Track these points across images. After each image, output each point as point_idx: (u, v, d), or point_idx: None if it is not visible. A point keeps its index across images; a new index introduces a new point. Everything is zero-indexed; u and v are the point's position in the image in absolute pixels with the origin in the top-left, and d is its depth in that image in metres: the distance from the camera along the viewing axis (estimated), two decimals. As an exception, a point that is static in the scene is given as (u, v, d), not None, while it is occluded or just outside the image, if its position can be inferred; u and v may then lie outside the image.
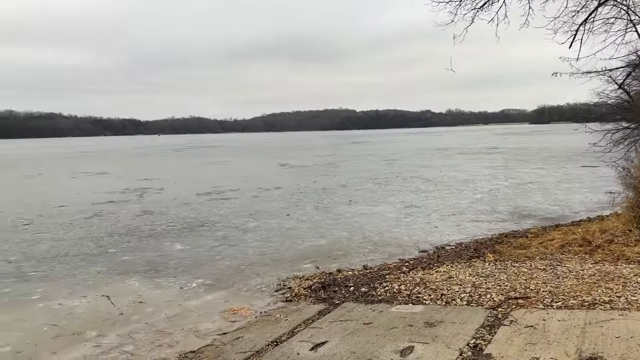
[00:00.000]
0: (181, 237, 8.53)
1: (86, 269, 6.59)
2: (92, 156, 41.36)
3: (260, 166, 25.71)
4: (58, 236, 8.78)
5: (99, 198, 13.87)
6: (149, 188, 16.19)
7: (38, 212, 11.49)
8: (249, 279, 6.00)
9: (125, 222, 10.01)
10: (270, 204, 11.94)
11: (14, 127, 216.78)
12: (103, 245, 8.00)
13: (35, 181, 19.90)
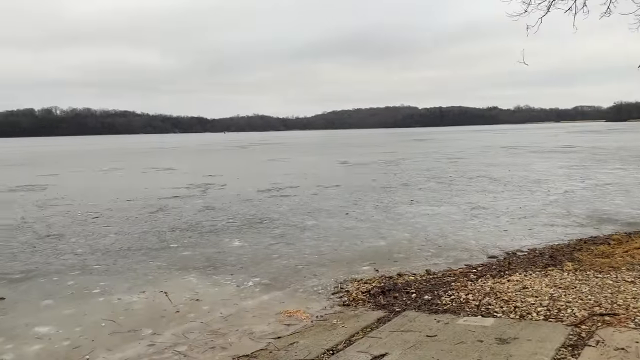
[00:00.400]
0: (240, 233, 8.51)
1: (147, 264, 6.67)
2: (161, 152, 43.15)
3: (320, 163, 25.63)
4: (123, 230, 9.03)
5: (165, 193, 14.27)
6: (213, 184, 16.50)
7: (107, 206, 11.96)
8: (306, 279, 5.81)
9: (188, 218, 10.16)
10: (329, 202, 11.74)
11: (91, 124, 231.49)
12: (165, 240, 8.11)
13: (108, 175, 20.90)
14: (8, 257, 7.16)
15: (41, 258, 7.06)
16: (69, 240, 8.20)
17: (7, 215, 10.80)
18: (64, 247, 7.76)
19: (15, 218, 10.47)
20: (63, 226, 9.49)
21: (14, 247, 7.78)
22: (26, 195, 14.46)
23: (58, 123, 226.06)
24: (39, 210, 11.46)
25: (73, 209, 11.65)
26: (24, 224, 9.73)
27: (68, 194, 14.41)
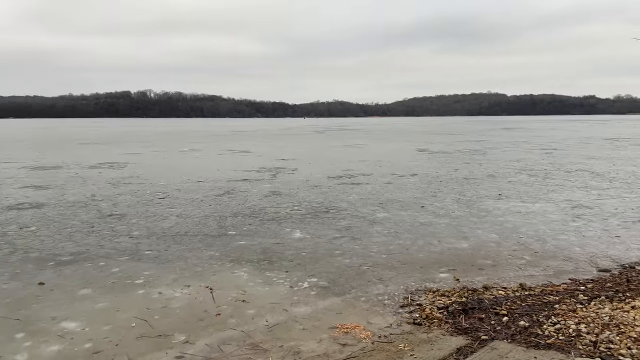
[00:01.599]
0: (303, 223, 7.78)
1: (199, 252, 6.13)
2: (241, 135, 43.83)
3: (397, 150, 24.40)
4: (186, 212, 8.65)
5: (235, 175, 13.95)
6: (284, 168, 16.00)
7: (177, 187, 11.77)
8: (370, 285, 4.94)
9: (253, 203, 9.63)
10: (404, 193, 10.71)
11: (181, 107, 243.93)
12: (224, 226, 7.58)
13: (186, 156, 21.17)
14: (65, 236, 6.94)
15: (95, 239, 6.77)
16: (129, 221, 7.92)
17: (80, 192, 10.91)
18: (122, 228, 7.46)
19: (85, 195, 10.51)
20: (128, 205, 9.31)
21: (73, 225, 7.61)
22: (104, 172, 14.78)
23: (152, 105, 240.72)
24: (111, 188, 11.49)
25: (143, 188, 11.57)
26: (92, 202, 9.69)
27: (143, 173, 14.53)
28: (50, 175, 14.07)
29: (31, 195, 10.52)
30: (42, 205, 9.35)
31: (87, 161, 18.30)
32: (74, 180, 12.99)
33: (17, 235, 6.97)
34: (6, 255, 5.96)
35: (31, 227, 7.46)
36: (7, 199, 10.01)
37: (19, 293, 4.66)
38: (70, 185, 11.94)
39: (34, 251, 6.15)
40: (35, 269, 5.42)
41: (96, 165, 16.73)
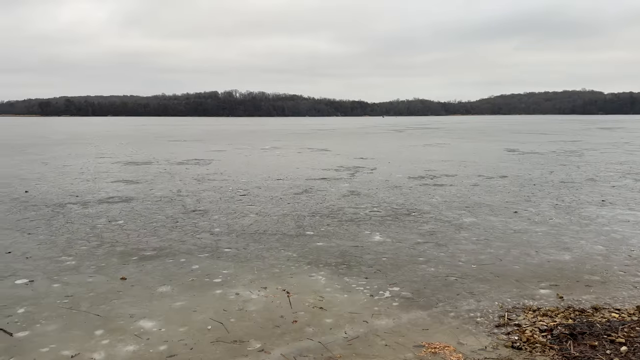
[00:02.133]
0: (383, 225, 7.42)
1: (277, 253, 5.98)
2: (320, 134, 44.09)
3: (483, 150, 23.15)
4: (265, 210, 8.60)
5: (314, 174, 13.85)
6: (362, 167, 15.68)
7: (257, 184, 11.86)
8: (459, 298, 4.49)
9: (331, 202, 9.41)
10: (493, 197, 9.97)
11: (264, 106, 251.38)
12: (302, 226, 7.41)
13: (267, 154, 21.51)
14: (150, 231, 7.11)
15: (178, 235, 6.86)
16: (211, 217, 8.00)
17: (167, 187, 11.30)
18: (204, 224, 7.53)
19: (172, 190, 10.86)
20: (211, 202, 9.46)
21: (158, 220, 7.80)
22: (191, 168, 15.30)
23: (237, 105, 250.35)
24: (196, 184, 11.81)
25: (226, 185, 11.77)
26: (177, 197, 9.97)
27: (227, 170, 14.86)
28: (142, 170, 14.80)
29: (122, 189, 11.05)
30: (131, 199, 9.75)
31: (175, 157, 19.12)
32: (162, 175, 13.54)
33: (105, 228, 7.26)
34: (94, 248, 6.18)
35: (119, 221, 7.75)
36: (99, 192, 10.58)
37: (102, 287, 4.74)
38: (158, 181, 12.43)
39: (120, 245, 6.32)
40: (119, 263, 5.54)
41: (184, 162, 17.41)
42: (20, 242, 6.41)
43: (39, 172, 14.18)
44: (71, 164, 16.34)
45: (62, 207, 8.82)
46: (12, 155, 19.60)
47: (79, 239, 6.63)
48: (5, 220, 7.70)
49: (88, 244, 6.37)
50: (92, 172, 14.26)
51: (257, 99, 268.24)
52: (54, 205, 9.00)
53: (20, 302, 4.34)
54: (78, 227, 7.32)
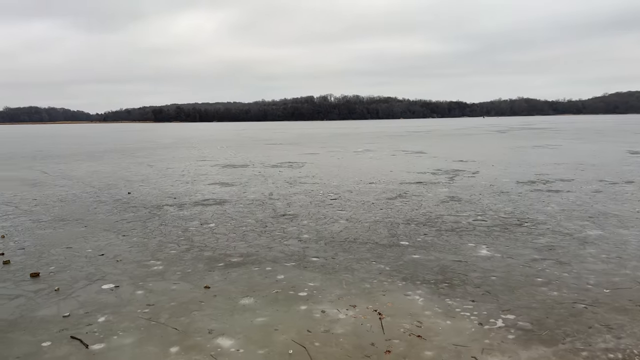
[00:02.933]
0: (490, 237, 6.56)
1: (368, 265, 5.44)
2: (415, 136, 42.80)
3: (602, 153, 20.73)
4: (356, 216, 8.10)
5: (409, 177, 13.11)
6: (462, 170, 14.60)
7: (348, 188, 11.40)
8: (592, 333, 3.63)
9: (428, 209, 8.66)
10: (621, 205, 8.59)
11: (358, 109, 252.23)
12: (396, 235, 6.79)
13: (359, 157, 21.05)
14: (238, 235, 6.92)
15: (266, 240, 6.58)
16: (300, 223, 7.66)
17: (259, 190, 11.23)
18: (293, 229, 7.20)
19: (264, 193, 10.75)
20: (301, 206, 9.16)
21: (248, 224, 7.61)
22: (284, 171, 15.26)
23: (331, 109, 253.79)
24: (288, 187, 11.63)
25: (317, 188, 11.46)
26: (269, 200, 9.80)
27: (318, 173, 14.60)
28: (237, 173, 15.02)
29: (217, 192, 11.16)
30: (224, 202, 9.76)
31: (270, 160, 19.32)
32: (256, 178, 13.60)
33: (196, 231, 7.19)
34: (183, 252, 6.07)
35: (210, 224, 7.67)
36: (196, 194, 10.75)
37: (184, 296, 4.52)
38: (252, 183, 12.45)
39: (208, 250, 6.16)
40: (205, 270, 5.33)
41: (277, 165, 17.49)
42: (115, 244, 6.50)
43: (143, 174, 14.93)
44: (174, 167, 17.09)
45: (159, 209, 9.00)
46: (123, 159, 21.05)
47: (170, 242, 6.59)
48: (105, 222, 7.96)
49: (177, 247, 6.29)
50: (192, 174, 14.73)
51: (351, 102, 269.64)
52: (151, 207, 9.22)
53: (103, 309, 4.23)
54: (171, 229, 7.34)
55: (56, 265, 5.51)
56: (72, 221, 8.00)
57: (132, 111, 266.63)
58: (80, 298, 4.50)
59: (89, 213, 8.68)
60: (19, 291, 4.67)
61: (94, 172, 15.67)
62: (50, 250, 6.16)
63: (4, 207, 9.37)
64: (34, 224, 7.77)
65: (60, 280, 4.99)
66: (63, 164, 18.82)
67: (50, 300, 4.42)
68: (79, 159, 21.14)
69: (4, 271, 5.31)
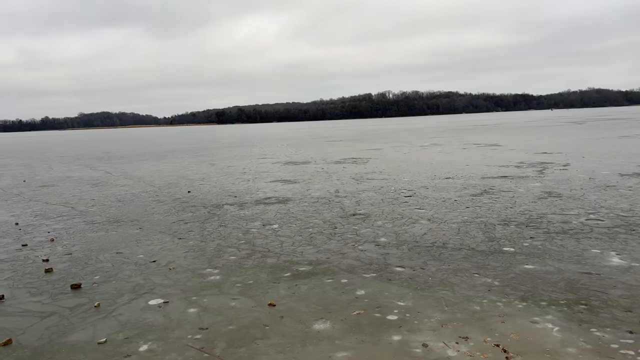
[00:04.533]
0: (616, 241, 5.25)
1: (469, 278, 4.33)
2: (483, 129, 40.46)
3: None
4: (438, 216, 6.97)
5: (490, 171, 11.73)
6: (550, 163, 12.98)
7: (423, 184, 10.24)
8: None
9: (525, 206, 7.38)
10: None
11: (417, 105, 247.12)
12: (495, 238, 5.62)
13: (427, 151, 19.69)
14: (305, 238, 6.00)
15: (337, 245, 5.61)
16: (374, 224, 6.64)
17: (324, 187, 10.31)
18: (367, 232, 6.20)
19: (329, 191, 9.81)
20: (372, 204, 8.14)
21: (315, 225, 6.68)
22: (348, 167, 14.29)
23: (390, 105, 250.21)
24: (354, 184, 10.64)
25: (387, 184, 10.38)
26: (335, 198, 8.85)
27: (385, 169, 13.51)
28: (299, 170, 14.22)
29: (279, 189, 10.36)
30: (287, 200, 8.92)
31: (332, 157, 18.42)
32: (319, 175, 12.72)
33: (258, 233, 6.35)
34: (243, 258, 5.23)
35: (273, 225, 6.82)
36: (257, 193, 10.00)
37: (245, 317, 3.63)
38: (315, 180, 11.58)
39: (272, 255, 5.28)
40: (269, 281, 4.44)
41: (340, 161, 16.54)
42: (169, 248, 5.78)
43: (205, 172, 14.46)
44: (235, 165, 16.57)
45: (219, 209, 8.30)
46: (185, 158, 20.90)
47: (229, 246, 5.78)
48: (161, 222, 7.32)
49: (238, 252, 5.47)
50: (253, 172, 14.09)
51: (410, 99, 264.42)
52: (211, 207, 8.54)
53: (147, 333, 3.42)
54: (230, 231, 6.56)
55: (101, 274, 4.83)
56: (127, 222, 7.43)
57: (197, 114, 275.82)
58: (122, 317, 3.73)
59: (145, 213, 8.11)
60: (54, 307, 3.98)
61: (156, 171, 15.42)
62: (98, 256, 5.52)
63: (60, 207, 9.02)
64: (87, 226, 7.25)
65: (102, 294, 4.27)
66: (127, 164, 18.86)
67: (87, 321, 3.68)
68: (142, 159, 21.22)
69: (44, 281, 4.68)
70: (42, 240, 6.42)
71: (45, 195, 10.84)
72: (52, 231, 6.96)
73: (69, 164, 20.13)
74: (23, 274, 4.93)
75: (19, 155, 27.73)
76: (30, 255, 5.64)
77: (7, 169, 18.86)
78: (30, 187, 12.51)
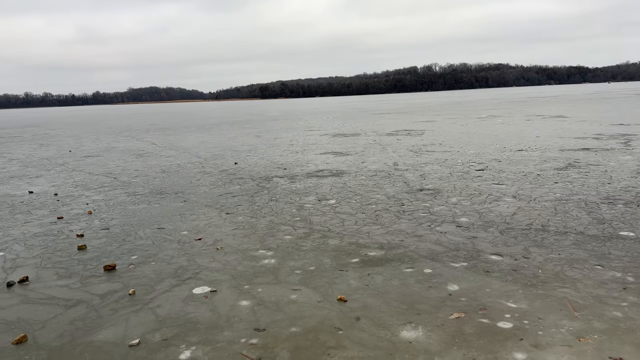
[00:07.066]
0: None
1: (590, 270, 3.40)
2: (541, 101, 37.99)
3: None
4: (524, 192, 5.97)
5: (567, 144, 10.47)
6: (633, 135, 11.54)
7: (493, 156, 9.17)
8: None
9: (626, 182, 6.28)
10: None
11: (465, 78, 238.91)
12: (604, 220, 4.63)
13: (486, 123, 18.31)
14: (370, 217, 5.16)
15: (409, 225, 4.75)
16: (448, 201, 5.73)
17: (380, 160, 9.41)
18: (442, 210, 5.30)
19: (387, 163, 8.91)
20: (440, 178, 7.20)
21: (378, 202, 5.83)
22: (403, 139, 13.28)
23: (436, 79, 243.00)
24: (414, 156, 9.68)
25: (451, 157, 9.37)
26: (395, 172, 7.95)
27: (445, 140, 12.42)
28: (350, 142, 13.33)
29: (331, 161, 9.54)
30: (342, 173, 8.09)
31: (383, 129, 17.39)
32: (372, 147, 11.80)
33: (314, 209, 5.57)
34: (300, 238, 4.46)
35: (330, 200, 6.03)
36: (308, 165, 9.21)
37: (312, 317, 2.85)
38: (369, 152, 10.68)
39: (333, 236, 4.49)
40: (334, 268, 3.66)
41: (393, 133, 15.51)
42: (216, 224, 5.09)
43: (251, 144, 13.82)
44: (282, 137, 15.86)
45: (268, 181, 7.58)
46: (231, 130, 20.38)
47: (283, 223, 5.04)
48: (207, 195, 6.67)
49: (294, 231, 4.72)
50: (300, 144, 13.32)
51: (457, 71, 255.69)
52: (259, 179, 7.83)
53: (189, 334, 2.71)
54: (283, 206, 5.81)
55: (140, 254, 4.18)
56: (171, 195, 6.82)
57: (241, 89, 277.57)
58: (161, 310, 3.04)
59: (190, 185, 7.50)
60: (82, 294, 3.34)
61: (202, 142, 14.92)
62: (137, 232, 4.90)
63: (102, 178, 8.55)
64: (128, 198, 6.69)
65: (139, 278, 3.61)
66: (173, 135, 18.51)
67: (119, 313, 3.01)
68: (188, 131, 20.87)
69: (75, 260, 4.07)
70: (80, 212, 5.89)
71: (88, 165, 10.47)
72: (91, 203, 6.44)
73: (115, 135, 20.02)
74: (54, 251, 4.36)
75: (69, 127, 28.12)
76: (65, 230, 5.09)
77: (56, 139, 18.92)
78: (75, 157, 12.24)
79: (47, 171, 9.79)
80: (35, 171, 9.88)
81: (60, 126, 30.69)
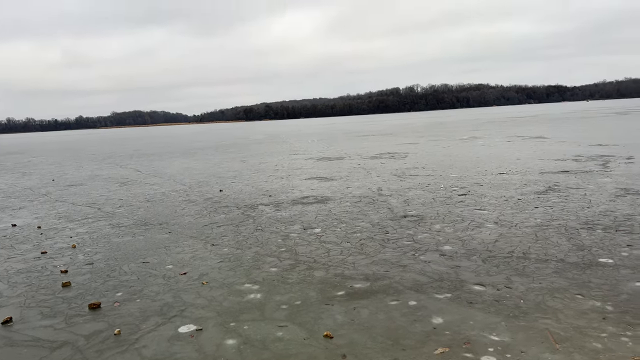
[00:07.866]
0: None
1: (571, 299, 3.47)
2: (519, 121, 38.76)
3: None
4: (505, 218, 6.09)
5: (547, 166, 10.69)
6: (611, 156, 11.83)
7: (475, 180, 9.32)
8: None
9: (604, 206, 6.44)
10: None
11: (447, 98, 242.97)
12: (584, 247, 4.73)
13: (468, 145, 18.61)
14: (354, 246, 5.21)
15: (394, 254, 4.81)
16: (431, 227, 5.81)
17: (364, 185, 9.50)
18: (425, 237, 5.37)
19: (371, 189, 9.00)
20: (423, 204, 7.29)
21: (363, 229, 5.89)
22: (387, 163, 13.43)
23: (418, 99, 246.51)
24: (397, 181, 9.80)
25: (434, 181, 9.51)
26: (379, 197, 8.04)
27: (428, 164, 12.59)
28: (335, 166, 13.44)
29: (316, 187, 9.61)
30: (326, 199, 8.15)
31: (367, 152, 17.57)
32: (357, 171, 11.91)
33: (300, 239, 5.60)
34: (286, 270, 4.48)
35: (315, 229, 6.06)
36: (293, 191, 9.26)
37: (298, 355, 2.87)
38: (354, 177, 10.78)
39: (319, 267, 4.52)
40: (320, 302, 3.68)
41: (376, 156, 15.68)
42: (201, 257, 5.09)
43: (236, 169, 13.84)
44: (266, 161, 15.92)
45: (254, 209, 7.60)
46: (216, 155, 20.38)
47: (269, 254, 5.05)
48: (192, 226, 6.66)
49: (279, 263, 4.73)
50: (286, 168, 13.39)
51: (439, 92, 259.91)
52: (245, 207, 7.85)
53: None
54: (268, 236, 5.83)
55: (125, 290, 4.16)
56: (156, 225, 6.80)
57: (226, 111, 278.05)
58: (146, 351, 3.03)
59: (175, 215, 7.48)
60: (67, 335, 3.31)
61: (186, 168, 14.90)
62: (122, 267, 4.87)
63: (86, 209, 8.48)
64: (113, 230, 6.64)
65: (124, 316, 3.59)
66: (157, 161, 18.45)
67: (104, 355, 2.99)
68: (173, 156, 20.82)
69: (60, 299, 4.03)
70: (63, 246, 5.83)
71: (72, 195, 10.37)
72: (74, 236, 6.38)
73: (99, 162, 19.87)
74: (38, 289, 4.31)
75: (51, 154, 27.82)
76: (49, 265, 5.04)
77: (38, 167, 18.71)
78: (58, 186, 12.12)
79: (30, 202, 9.68)
80: (18, 202, 9.76)
81: (42, 153, 30.36)
